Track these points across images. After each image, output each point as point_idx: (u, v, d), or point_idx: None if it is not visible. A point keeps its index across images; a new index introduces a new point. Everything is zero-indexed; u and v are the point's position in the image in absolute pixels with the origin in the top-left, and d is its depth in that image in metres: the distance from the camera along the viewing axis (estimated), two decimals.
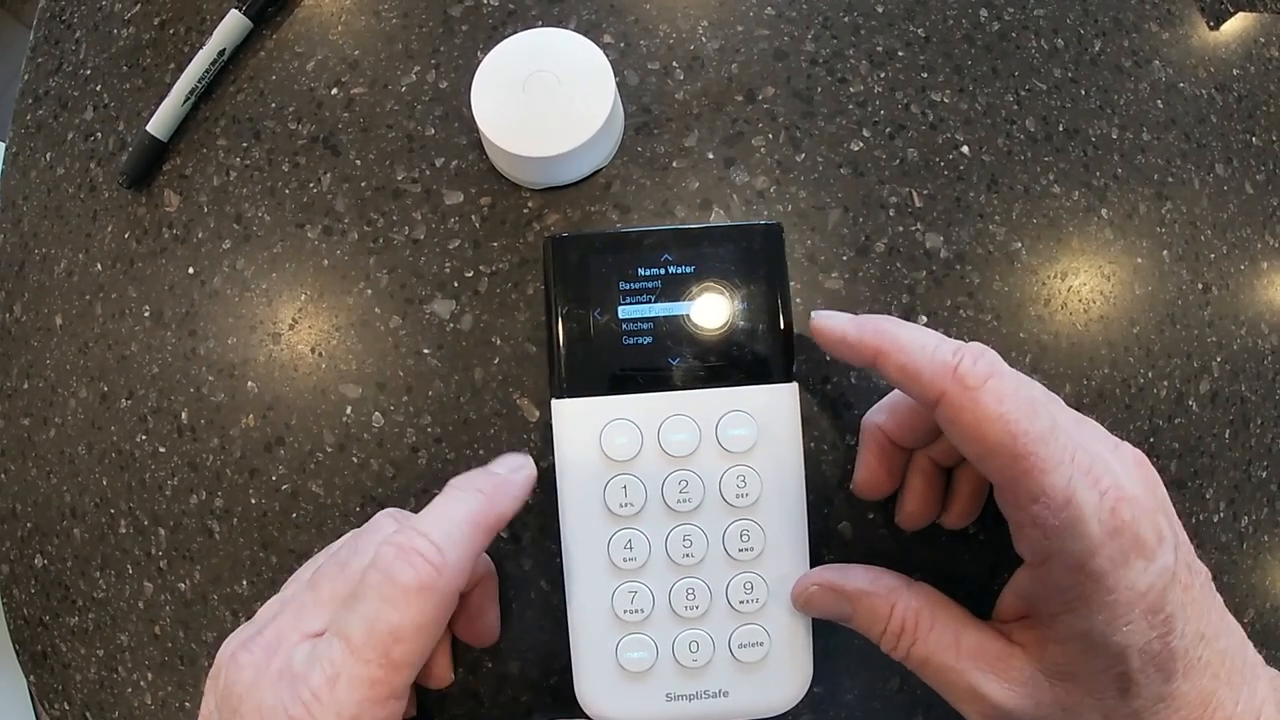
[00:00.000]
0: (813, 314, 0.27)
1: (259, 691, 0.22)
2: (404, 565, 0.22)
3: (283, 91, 0.35)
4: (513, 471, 0.26)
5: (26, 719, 0.71)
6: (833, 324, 0.26)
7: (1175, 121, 0.35)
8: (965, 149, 0.34)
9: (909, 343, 0.24)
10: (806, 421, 0.31)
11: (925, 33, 0.35)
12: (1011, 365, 0.24)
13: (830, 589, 0.27)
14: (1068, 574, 0.22)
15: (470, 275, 0.32)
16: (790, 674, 0.28)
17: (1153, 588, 0.22)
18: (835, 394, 0.32)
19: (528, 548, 0.31)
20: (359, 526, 0.31)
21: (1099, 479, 0.22)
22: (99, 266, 0.35)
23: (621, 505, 0.27)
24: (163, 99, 0.34)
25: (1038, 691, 0.23)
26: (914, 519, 0.29)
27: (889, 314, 0.32)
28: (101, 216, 0.36)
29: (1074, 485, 0.22)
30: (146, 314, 0.34)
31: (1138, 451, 0.24)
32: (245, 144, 0.35)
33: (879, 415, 0.29)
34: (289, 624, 0.24)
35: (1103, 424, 0.27)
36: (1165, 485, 0.24)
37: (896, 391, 0.29)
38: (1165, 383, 0.33)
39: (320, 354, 0.33)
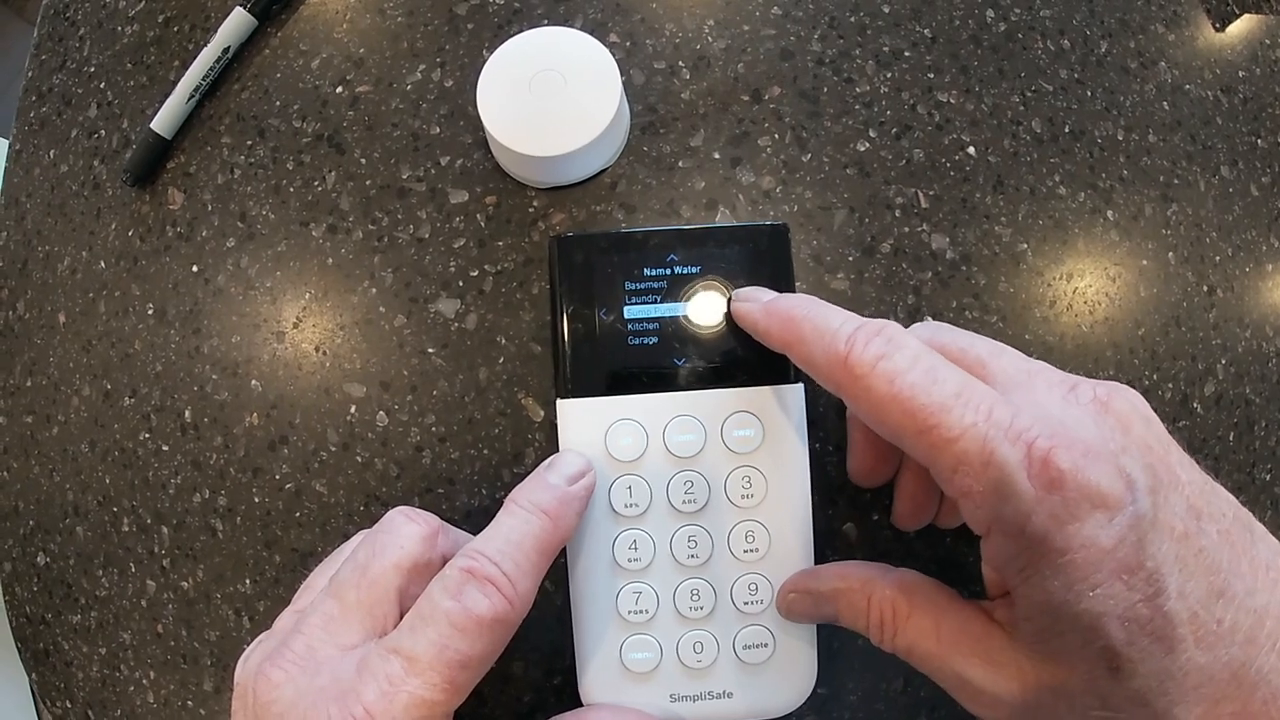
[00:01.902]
0: (732, 294, 0.27)
1: (301, 709, 0.21)
2: (479, 596, 0.22)
3: (287, 89, 0.35)
4: (572, 482, 0.25)
5: (29, 717, 0.70)
6: (746, 310, 0.26)
7: (1181, 123, 0.35)
8: (971, 150, 0.34)
9: (810, 334, 0.23)
10: (812, 422, 0.31)
11: (932, 33, 0.35)
12: None
13: (805, 593, 0.26)
14: (1010, 541, 0.20)
15: (475, 274, 0.32)
16: (795, 675, 0.28)
17: (1123, 541, 0.19)
18: None
19: None
20: (363, 526, 0.31)
21: (1023, 431, 0.20)
22: (102, 264, 0.35)
23: (626, 505, 0.27)
24: (167, 96, 0.34)
25: (1022, 674, 0.21)
26: (907, 519, 0.29)
27: (893, 316, 0.32)
28: (105, 214, 0.36)
29: (991, 444, 0.20)
30: (150, 312, 0.34)
31: (1112, 388, 0.22)
32: (250, 142, 0.35)
33: None
34: (319, 636, 0.23)
35: None
36: None
37: None
38: (1170, 385, 0.33)
39: (324, 353, 0.32)
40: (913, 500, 0.29)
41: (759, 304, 0.26)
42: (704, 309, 0.28)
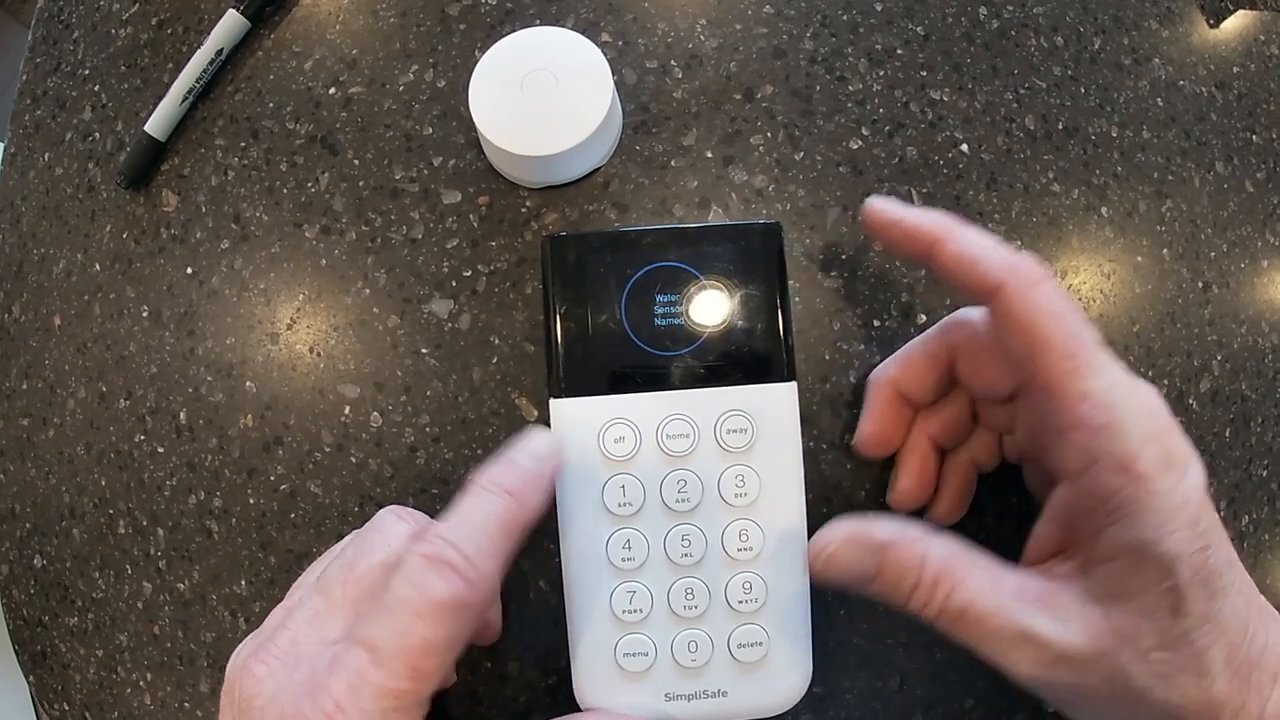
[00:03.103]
0: (867, 200, 0.27)
1: (280, 703, 0.22)
2: (436, 579, 0.22)
3: (280, 91, 0.35)
4: (540, 462, 0.25)
5: (28, 719, 0.71)
6: (888, 208, 0.26)
7: (1175, 119, 0.35)
8: (964, 147, 0.34)
9: (966, 233, 0.25)
10: (805, 421, 0.31)
11: (924, 31, 0.35)
12: None
13: (858, 542, 0.24)
14: (1114, 476, 0.22)
15: (468, 275, 0.32)
16: (789, 674, 0.28)
17: (1190, 499, 0.22)
18: (834, 393, 0.32)
19: (526, 547, 0.31)
20: (357, 526, 0.31)
21: (1136, 389, 0.23)
22: (97, 267, 0.35)
23: (620, 505, 0.27)
24: (161, 99, 0.34)
25: (1091, 622, 0.22)
26: (906, 496, 0.29)
27: (886, 314, 0.32)
28: (100, 217, 0.36)
29: (1116, 390, 0.22)
30: (145, 314, 0.34)
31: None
32: (243, 144, 0.35)
33: (890, 368, 0.29)
34: (303, 631, 0.23)
35: None
36: None
37: (909, 346, 0.29)
38: (1166, 381, 0.33)
39: (318, 354, 0.32)
40: (917, 481, 0.29)
41: (900, 204, 0.26)
42: (697, 308, 0.28)
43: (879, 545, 0.24)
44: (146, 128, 0.34)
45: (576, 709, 0.27)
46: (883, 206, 0.26)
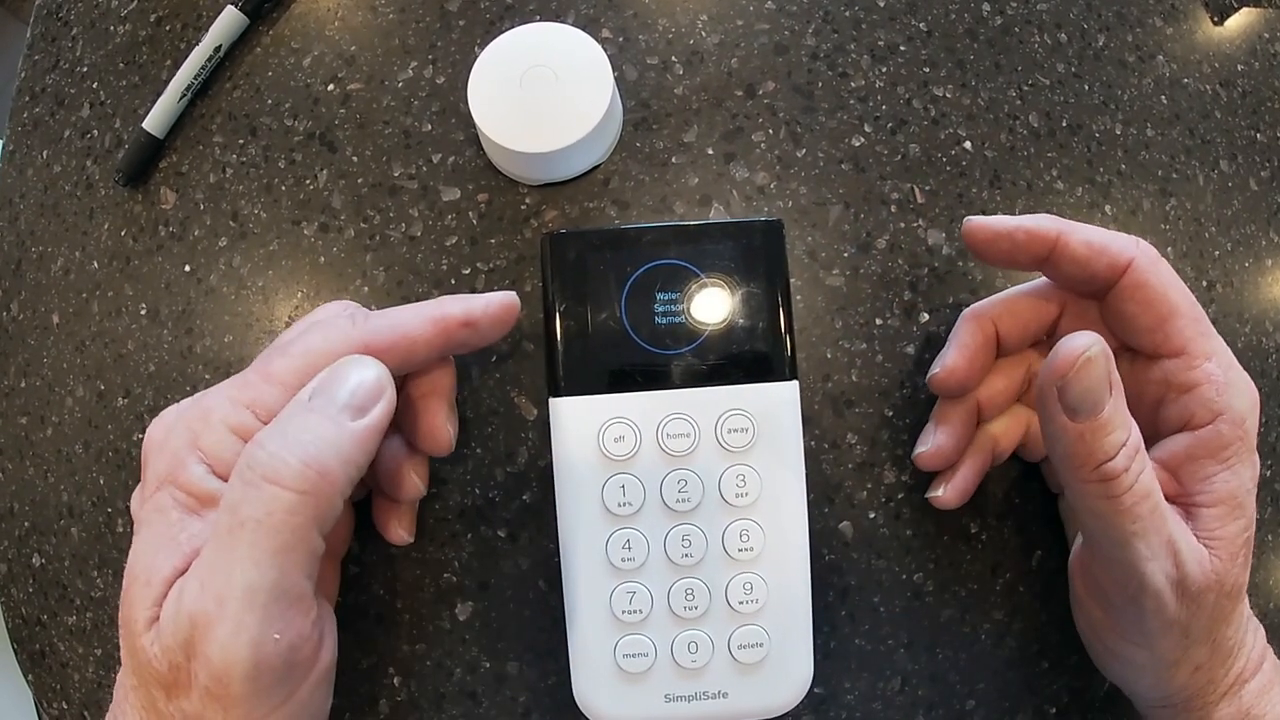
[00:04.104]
0: (966, 220, 0.27)
1: (165, 423, 0.24)
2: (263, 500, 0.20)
3: (279, 88, 0.35)
4: (355, 415, 0.22)
5: (29, 718, 0.71)
6: (990, 222, 0.27)
7: (1179, 117, 0.35)
8: (968, 144, 0.33)
9: (1080, 226, 0.26)
10: (807, 420, 0.31)
11: (927, 27, 0.35)
12: None
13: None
14: (1234, 428, 0.25)
15: (468, 272, 0.32)
16: (790, 675, 0.27)
17: (1257, 464, 0.25)
18: (836, 392, 0.31)
19: (525, 547, 0.31)
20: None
21: (1234, 358, 0.26)
22: (95, 264, 0.35)
23: (620, 504, 0.27)
24: (159, 96, 0.34)
25: (1203, 556, 0.24)
26: (939, 453, 0.29)
27: (889, 312, 0.32)
28: (98, 214, 0.35)
29: (1228, 354, 0.26)
30: (143, 312, 0.34)
31: None
32: (241, 141, 0.34)
33: (992, 307, 0.29)
34: (223, 388, 0.24)
35: None
36: None
37: (1014, 290, 0.29)
38: None
39: None
40: (954, 438, 0.29)
41: (1004, 216, 0.27)
42: (698, 306, 0.28)
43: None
44: (145, 125, 0.34)
45: (576, 709, 0.27)
46: (984, 222, 0.27)
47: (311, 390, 0.23)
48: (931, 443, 0.29)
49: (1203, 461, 0.25)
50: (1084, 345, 0.23)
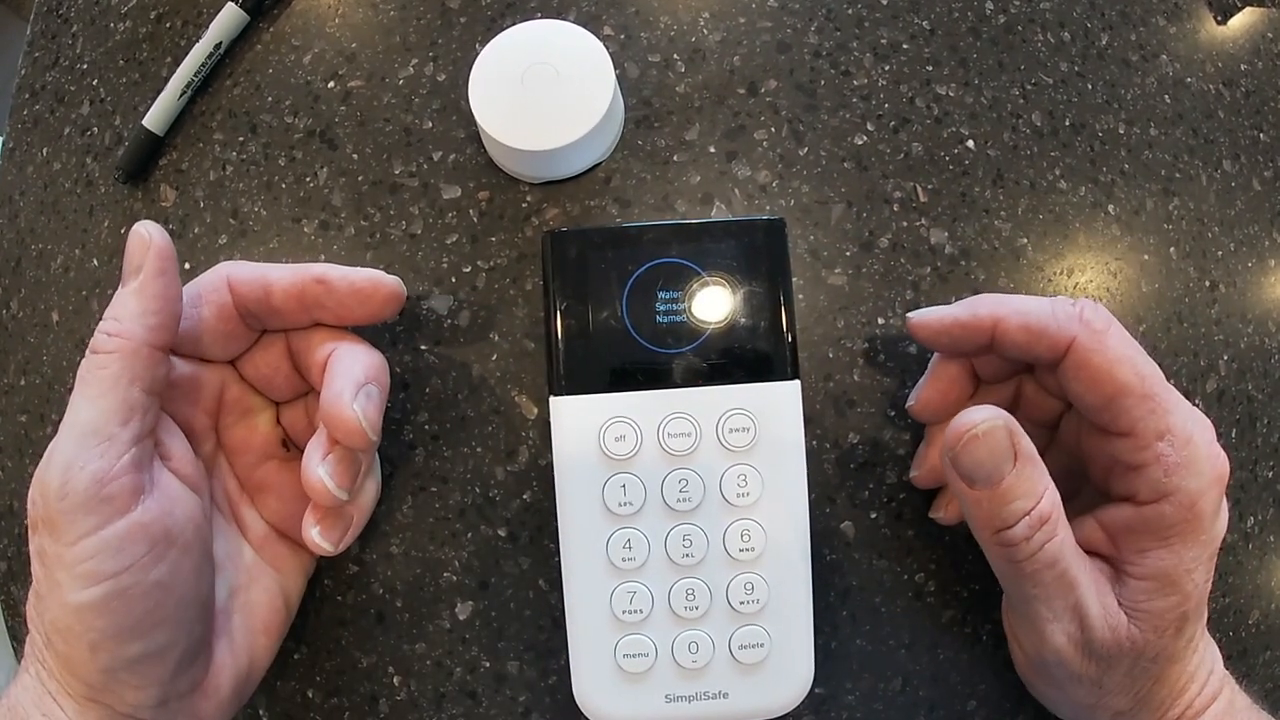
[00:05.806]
0: (908, 316, 0.27)
1: None
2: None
3: (279, 85, 0.35)
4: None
5: None
6: (939, 315, 0.27)
7: (1182, 117, 0.35)
8: (970, 143, 0.33)
9: (1024, 304, 0.25)
10: (808, 420, 0.31)
11: (930, 25, 0.35)
12: None
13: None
14: (1179, 511, 0.23)
15: (468, 270, 0.32)
16: (791, 675, 0.27)
17: (1217, 537, 0.24)
18: (838, 392, 0.31)
19: (525, 547, 0.31)
20: None
21: (1200, 425, 0.24)
22: (95, 262, 0.35)
23: (621, 504, 0.27)
24: (159, 93, 0.34)
25: (1119, 624, 0.24)
26: (928, 406, 0.29)
27: (890, 312, 0.32)
28: (98, 212, 0.35)
29: (1191, 426, 0.24)
30: None
31: None
32: (241, 138, 0.34)
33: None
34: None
35: None
36: None
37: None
38: (1172, 381, 0.32)
39: None
40: (941, 394, 0.29)
41: (943, 307, 0.27)
42: (699, 305, 0.28)
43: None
44: (145, 122, 0.34)
45: (576, 709, 0.27)
46: (924, 318, 0.27)
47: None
48: (926, 466, 0.30)
49: (1140, 536, 0.24)
50: (973, 422, 0.23)
